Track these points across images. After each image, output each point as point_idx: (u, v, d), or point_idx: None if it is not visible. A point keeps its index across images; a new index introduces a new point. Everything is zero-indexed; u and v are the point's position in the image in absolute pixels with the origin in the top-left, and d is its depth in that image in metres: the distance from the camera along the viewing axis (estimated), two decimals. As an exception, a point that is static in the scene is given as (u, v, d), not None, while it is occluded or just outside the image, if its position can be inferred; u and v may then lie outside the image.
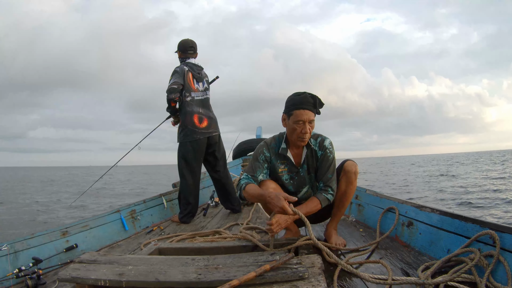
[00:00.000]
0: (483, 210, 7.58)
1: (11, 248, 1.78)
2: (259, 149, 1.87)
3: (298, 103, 1.71)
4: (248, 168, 1.86)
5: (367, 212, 2.50)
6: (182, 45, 3.04)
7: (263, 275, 1.22)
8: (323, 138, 1.84)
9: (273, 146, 1.86)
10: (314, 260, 1.36)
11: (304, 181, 1.87)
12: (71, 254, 2.05)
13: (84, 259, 1.46)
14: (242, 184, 1.76)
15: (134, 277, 1.26)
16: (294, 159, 1.84)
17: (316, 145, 1.82)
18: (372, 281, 1.28)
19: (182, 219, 2.93)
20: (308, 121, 1.71)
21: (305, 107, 1.70)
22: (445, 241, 1.59)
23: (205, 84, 3.06)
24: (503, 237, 1.28)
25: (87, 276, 1.27)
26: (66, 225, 2.20)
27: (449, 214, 1.64)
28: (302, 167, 1.85)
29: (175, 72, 2.92)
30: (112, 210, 2.70)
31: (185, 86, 2.91)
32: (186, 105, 2.92)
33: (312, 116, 1.72)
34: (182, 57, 3.04)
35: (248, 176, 1.80)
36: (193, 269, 1.31)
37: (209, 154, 3.09)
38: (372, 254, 1.76)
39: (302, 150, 1.83)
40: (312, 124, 1.74)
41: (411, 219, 1.91)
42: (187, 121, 2.92)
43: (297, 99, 1.72)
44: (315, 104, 1.72)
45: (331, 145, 1.83)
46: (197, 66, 3.01)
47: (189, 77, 2.93)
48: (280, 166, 1.86)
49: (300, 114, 1.70)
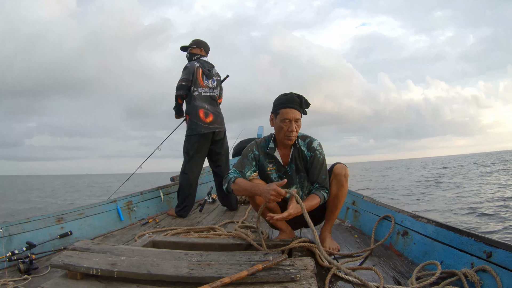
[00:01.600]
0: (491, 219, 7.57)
1: (5, 231, 1.79)
2: (249, 147, 1.92)
3: (285, 102, 1.76)
4: (237, 163, 1.91)
5: (363, 219, 2.49)
6: (206, 45, 3.13)
7: (255, 275, 1.22)
8: (311, 139, 1.87)
9: (263, 145, 1.91)
10: (307, 263, 1.36)
11: (292, 180, 1.90)
12: (65, 241, 2.05)
13: (78, 246, 1.47)
14: (231, 178, 1.80)
15: (126, 267, 1.26)
16: (282, 158, 1.87)
17: (304, 146, 1.85)
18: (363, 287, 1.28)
19: (179, 212, 2.94)
20: (294, 119, 1.75)
21: (291, 106, 1.74)
22: (439, 253, 1.59)
23: (215, 82, 3.09)
24: (497, 252, 1.28)
25: (80, 264, 1.27)
26: (62, 211, 2.20)
27: (445, 226, 1.64)
28: (290, 166, 1.88)
29: (185, 68, 2.99)
30: (109, 200, 2.70)
31: (193, 82, 2.96)
32: (193, 99, 2.97)
33: (298, 115, 1.75)
34: (202, 54, 3.10)
35: (237, 171, 1.85)
36: (185, 264, 1.32)
37: (213, 149, 3.11)
38: (365, 260, 1.76)
39: (290, 150, 1.86)
40: (299, 123, 1.77)
41: (406, 228, 1.91)
42: (193, 115, 2.96)
43: (284, 98, 1.77)
44: (301, 103, 1.76)
45: (320, 146, 1.86)
46: (208, 63, 3.07)
47: (199, 73, 2.98)
48: (268, 165, 1.90)
49: (286, 112, 1.74)
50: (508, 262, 1.22)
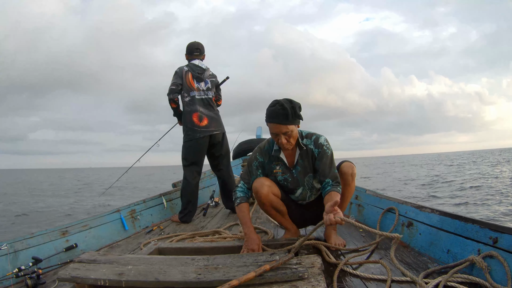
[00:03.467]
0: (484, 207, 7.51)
1: (10, 247, 1.78)
2: (253, 155, 1.92)
3: (268, 117, 1.70)
4: (244, 173, 1.93)
5: (367, 213, 2.50)
6: (188, 48, 3.12)
7: (262, 275, 1.22)
8: (317, 136, 1.84)
9: (267, 148, 1.89)
10: (314, 260, 1.36)
11: (298, 183, 1.88)
12: (70, 253, 2.05)
13: (84, 258, 1.46)
14: (237, 199, 1.85)
15: (133, 277, 1.26)
16: (287, 159, 1.85)
17: (311, 144, 1.82)
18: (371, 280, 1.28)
19: (182, 218, 2.93)
20: (281, 133, 1.69)
21: (274, 121, 1.68)
22: (444, 242, 1.59)
23: (208, 84, 3.07)
24: (502, 237, 1.28)
25: (87, 276, 1.27)
26: (66, 224, 2.20)
27: (449, 214, 1.64)
28: (295, 168, 1.85)
29: (175, 73, 3.01)
30: (112, 210, 2.70)
31: (184, 86, 2.96)
32: (185, 105, 2.98)
33: (284, 128, 1.67)
34: (189, 59, 3.10)
35: (244, 186, 1.88)
36: (192, 269, 1.32)
37: (212, 152, 3.11)
38: (371, 254, 1.76)
39: (296, 151, 1.83)
40: (288, 133, 1.70)
41: (411, 219, 1.91)
42: (186, 121, 2.97)
43: (268, 111, 1.71)
44: (286, 115, 1.65)
45: (327, 142, 1.83)
46: (198, 66, 3.04)
47: (189, 77, 2.98)
48: (275, 167, 1.89)
49: (271, 127, 1.71)
50: (514, 246, 1.22)
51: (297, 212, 1.97)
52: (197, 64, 3.05)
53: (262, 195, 1.80)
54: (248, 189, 1.88)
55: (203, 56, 3.14)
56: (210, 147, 3.07)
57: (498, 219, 6.24)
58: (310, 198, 1.94)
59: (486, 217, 6.45)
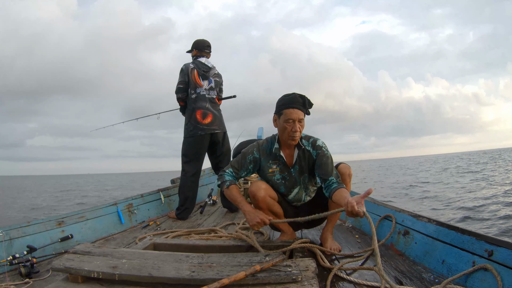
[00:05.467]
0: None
1: (6, 235, 1.79)
2: (249, 148, 1.91)
3: (288, 103, 1.75)
4: (235, 161, 1.91)
5: (364, 219, 2.48)
6: (199, 44, 3.10)
7: (256, 276, 1.22)
8: (315, 139, 1.86)
9: (265, 147, 1.89)
10: (308, 264, 1.36)
11: (296, 182, 1.89)
12: (66, 244, 2.05)
13: (79, 250, 1.46)
14: (227, 182, 1.83)
15: (127, 270, 1.26)
16: (286, 159, 1.86)
17: (309, 146, 1.84)
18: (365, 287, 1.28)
19: (179, 215, 2.93)
20: (298, 119, 1.74)
21: (295, 106, 1.74)
22: (440, 252, 1.59)
23: (212, 83, 3.07)
24: (498, 250, 1.28)
25: (81, 267, 1.27)
26: (62, 215, 2.20)
27: (446, 225, 1.64)
28: (294, 168, 1.87)
29: (181, 71, 3.01)
30: (109, 202, 2.70)
31: (190, 83, 2.96)
32: (192, 101, 2.98)
33: (301, 115, 1.75)
34: (197, 55, 3.09)
35: (233, 173, 1.87)
36: (186, 266, 1.32)
37: (213, 151, 3.11)
38: (366, 260, 1.75)
39: (294, 151, 1.85)
40: (302, 123, 1.77)
41: (407, 228, 1.91)
42: (190, 117, 2.97)
43: (287, 99, 1.77)
44: (304, 103, 1.76)
45: (325, 144, 1.86)
46: (204, 64, 3.05)
47: (195, 74, 2.99)
48: (271, 167, 1.88)
49: (289, 113, 1.74)
50: (509, 260, 1.22)
51: (292, 214, 1.97)
52: (203, 62, 3.05)
53: (259, 198, 1.80)
54: (236, 179, 1.88)
55: (209, 55, 3.15)
56: (211, 146, 3.07)
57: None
58: (305, 199, 1.94)
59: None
